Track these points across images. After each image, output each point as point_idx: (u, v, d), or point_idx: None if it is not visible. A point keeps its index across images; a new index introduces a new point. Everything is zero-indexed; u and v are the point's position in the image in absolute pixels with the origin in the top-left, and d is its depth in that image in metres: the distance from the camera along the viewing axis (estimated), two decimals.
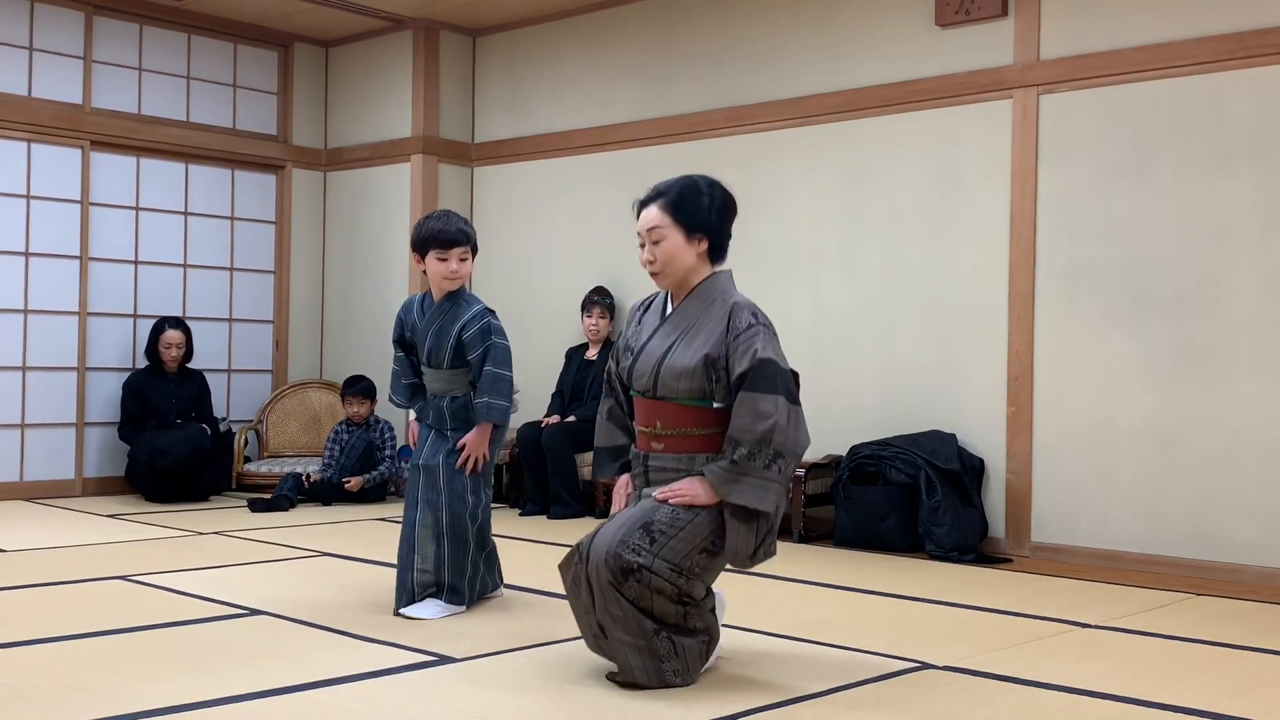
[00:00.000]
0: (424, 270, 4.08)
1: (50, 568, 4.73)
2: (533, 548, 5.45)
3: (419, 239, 4.03)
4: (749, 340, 3.10)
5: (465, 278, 4.09)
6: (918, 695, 3.08)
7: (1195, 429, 5.07)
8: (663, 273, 3.24)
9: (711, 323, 3.17)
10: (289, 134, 8.11)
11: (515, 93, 7.62)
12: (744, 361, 3.08)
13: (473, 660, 3.36)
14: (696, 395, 3.16)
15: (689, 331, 3.19)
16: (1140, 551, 5.17)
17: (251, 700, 2.92)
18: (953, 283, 5.76)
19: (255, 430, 7.75)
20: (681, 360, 3.16)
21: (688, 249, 3.21)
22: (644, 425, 3.26)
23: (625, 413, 3.40)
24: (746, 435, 3.04)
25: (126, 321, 7.44)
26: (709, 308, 3.21)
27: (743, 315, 3.15)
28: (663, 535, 3.04)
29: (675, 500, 3.09)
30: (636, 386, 3.27)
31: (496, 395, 4.00)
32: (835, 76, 6.17)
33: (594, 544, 3.07)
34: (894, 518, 5.51)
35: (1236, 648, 3.72)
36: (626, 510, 3.17)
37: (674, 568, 3.03)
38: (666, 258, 3.21)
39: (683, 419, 3.18)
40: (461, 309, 4.07)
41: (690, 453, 3.17)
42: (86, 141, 7.22)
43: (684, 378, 3.15)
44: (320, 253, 8.28)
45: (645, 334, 3.28)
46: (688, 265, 3.23)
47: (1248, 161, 4.97)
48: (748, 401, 3.06)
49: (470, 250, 4.06)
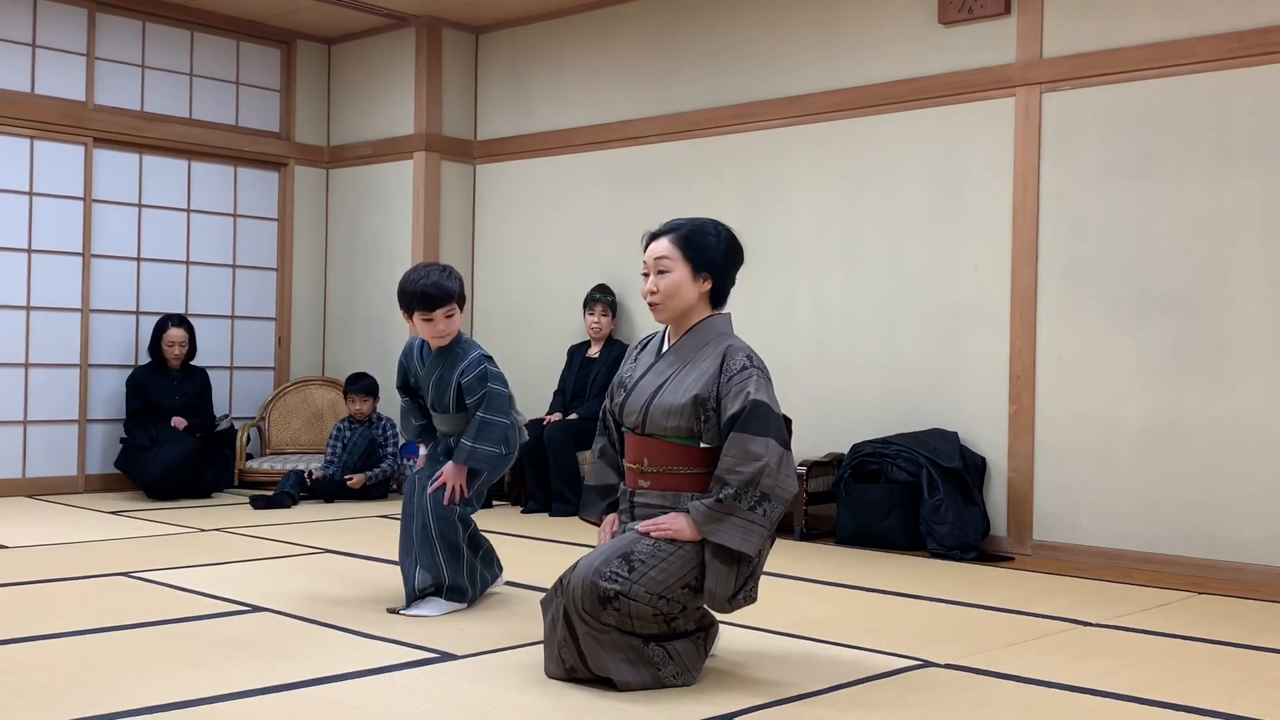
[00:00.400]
0: (412, 325, 4.10)
1: (53, 564, 4.74)
2: (535, 545, 5.45)
3: (403, 299, 4.03)
4: (743, 382, 3.10)
5: (453, 333, 4.06)
6: (919, 693, 3.08)
7: (1197, 428, 5.07)
8: (663, 305, 3.23)
9: (705, 362, 3.17)
10: (292, 131, 8.11)
11: (518, 90, 7.62)
12: (736, 403, 3.07)
13: (474, 657, 3.37)
14: (684, 434, 3.16)
15: (682, 370, 3.20)
16: (1142, 550, 5.17)
17: (254, 696, 2.92)
18: (955, 281, 5.76)
19: (257, 427, 7.76)
20: (671, 398, 3.16)
21: (691, 285, 3.22)
22: (632, 462, 3.27)
23: (617, 451, 3.40)
24: (734, 476, 3.03)
25: (129, 318, 7.44)
26: (704, 347, 3.21)
27: (737, 357, 3.15)
28: (642, 565, 3.03)
29: (657, 533, 3.08)
30: (627, 423, 3.28)
31: (482, 440, 3.97)
32: (837, 74, 6.17)
33: (574, 574, 3.07)
34: (896, 516, 5.51)
35: (1238, 646, 3.72)
36: (608, 541, 3.17)
37: (653, 595, 3.02)
38: (670, 290, 3.21)
39: (669, 457, 3.18)
40: (459, 356, 4.06)
41: (675, 491, 3.17)
42: (89, 138, 7.22)
43: (672, 415, 3.15)
44: (323, 250, 8.29)
45: (640, 371, 3.30)
46: (688, 302, 3.23)
47: (1250, 160, 4.97)
48: (738, 442, 3.04)
49: (457, 304, 4.03)
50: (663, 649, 3.06)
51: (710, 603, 3.09)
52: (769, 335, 6.35)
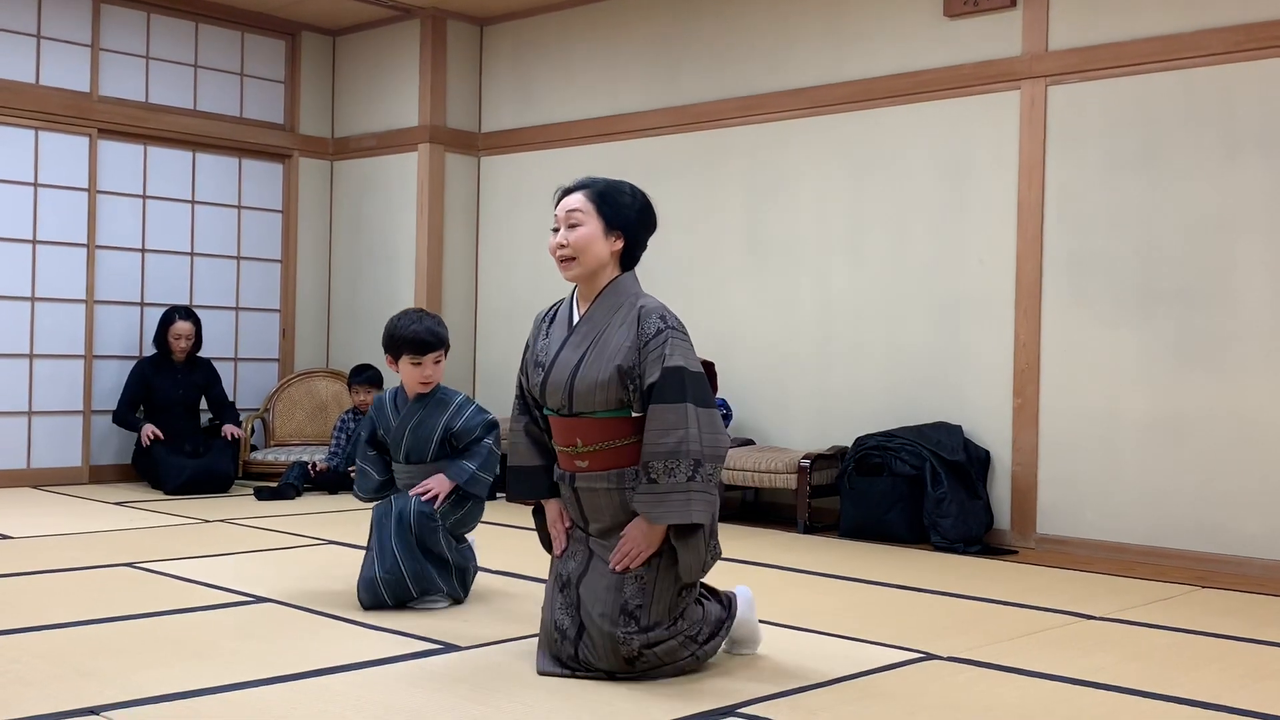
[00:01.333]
0: (397, 371, 4.01)
1: (57, 554, 4.75)
2: (533, 536, 5.45)
3: (391, 341, 3.95)
4: (658, 348, 3.03)
5: (438, 380, 4.00)
6: (922, 686, 3.09)
7: (1202, 421, 5.06)
8: (575, 260, 3.13)
9: (621, 330, 3.10)
10: (296, 123, 8.11)
11: (522, 82, 7.62)
12: (654, 371, 3.01)
13: (477, 649, 3.37)
14: (614, 406, 3.08)
15: (598, 340, 3.11)
16: (1145, 544, 5.17)
17: (258, 687, 2.93)
18: (959, 274, 5.75)
19: (262, 419, 7.76)
20: (595, 373, 3.08)
21: (603, 242, 3.14)
22: (564, 445, 3.17)
23: (540, 429, 3.29)
24: (658, 449, 2.98)
25: (133, 310, 7.45)
26: (616, 312, 3.13)
27: (651, 320, 3.07)
28: (642, 611, 3.02)
29: (631, 563, 3.05)
30: (550, 404, 3.18)
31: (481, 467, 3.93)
32: (843, 67, 6.16)
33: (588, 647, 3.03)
34: (899, 509, 5.51)
35: (1241, 640, 3.72)
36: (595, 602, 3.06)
37: (666, 620, 3.04)
38: (582, 245, 3.12)
39: (604, 432, 3.10)
40: (443, 403, 3.99)
41: (618, 468, 3.09)
42: (94, 129, 7.22)
43: (599, 390, 3.07)
44: (327, 242, 8.29)
45: (554, 346, 3.20)
46: (600, 259, 3.14)
47: (1257, 153, 4.96)
48: (656, 414, 2.99)
49: (444, 351, 3.99)
50: (694, 657, 3.10)
51: (688, 577, 3.07)
52: (773, 327, 6.35)
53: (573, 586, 3.13)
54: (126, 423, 7.06)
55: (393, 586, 3.81)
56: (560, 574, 3.20)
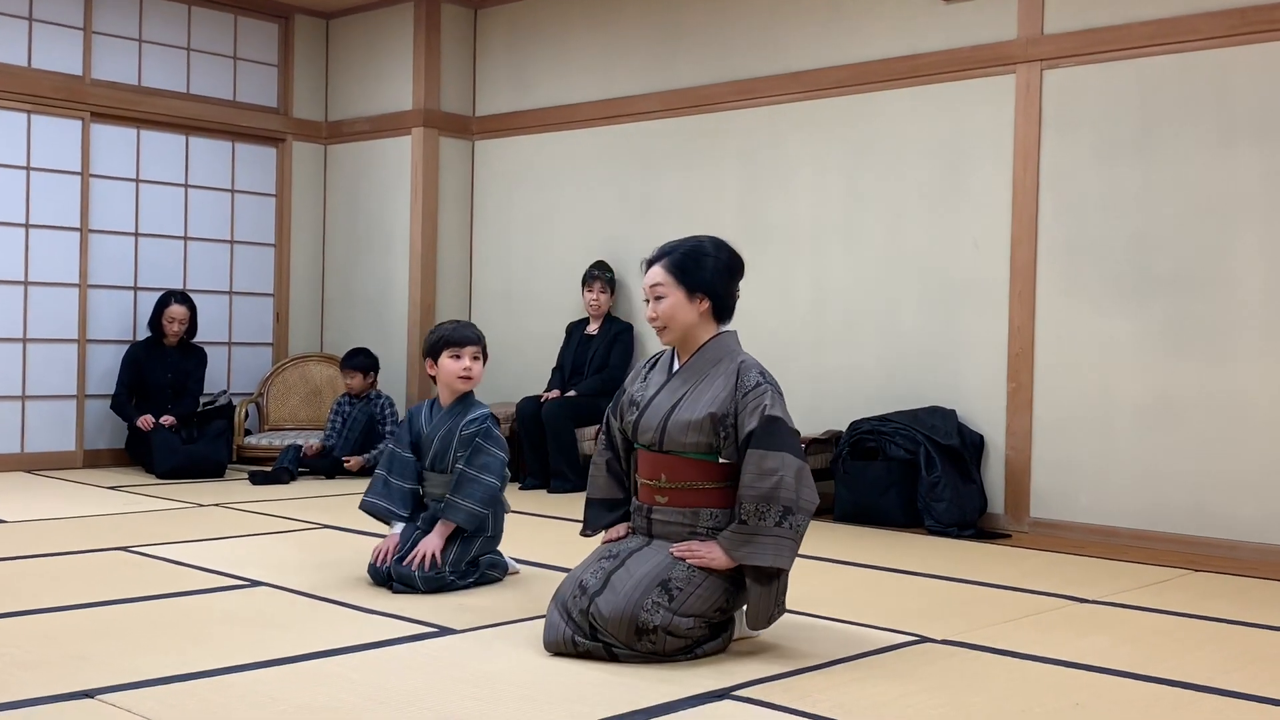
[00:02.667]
0: (433, 376, 4.11)
1: (52, 539, 4.75)
2: (533, 521, 5.46)
3: (432, 343, 4.09)
4: (758, 398, 3.12)
5: (478, 379, 4.09)
6: (916, 668, 3.10)
7: (1195, 406, 5.07)
8: (666, 329, 3.28)
9: (719, 380, 3.20)
10: (289, 106, 8.09)
11: (517, 66, 7.59)
12: (752, 420, 3.10)
13: (474, 632, 3.38)
14: (704, 449, 3.19)
15: (696, 388, 3.22)
16: (1139, 528, 5.19)
17: (254, 670, 2.93)
18: (955, 258, 5.76)
19: (256, 404, 7.76)
20: (689, 414, 3.18)
21: (689, 308, 3.25)
22: (648, 478, 3.28)
23: (622, 468, 3.42)
24: (752, 492, 3.06)
25: (127, 294, 7.44)
26: (716, 365, 3.24)
27: (750, 374, 3.18)
28: (680, 593, 3.07)
29: (693, 560, 3.11)
30: (642, 440, 3.29)
31: (461, 495, 3.90)
32: (839, 51, 6.15)
33: (607, 601, 3.05)
34: (893, 493, 5.53)
35: (1233, 623, 3.73)
36: (640, 567, 3.12)
37: (692, 619, 3.06)
38: (667, 316, 3.26)
39: (689, 472, 3.21)
40: (469, 410, 4.06)
41: (695, 507, 3.20)
42: (87, 113, 7.20)
43: (691, 431, 3.17)
44: (321, 226, 8.27)
45: (652, 390, 3.31)
46: (689, 323, 3.26)
47: (1253, 138, 4.96)
48: (754, 459, 3.08)
49: (482, 352, 4.11)
50: (691, 656, 3.11)
51: (752, 624, 3.15)
52: (769, 312, 6.35)
53: (623, 555, 3.19)
54: (123, 412, 7.04)
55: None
56: (611, 550, 3.26)
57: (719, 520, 3.18)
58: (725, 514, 3.18)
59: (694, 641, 3.10)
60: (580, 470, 6.55)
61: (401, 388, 7.69)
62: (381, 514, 4.09)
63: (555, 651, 3.13)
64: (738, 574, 3.13)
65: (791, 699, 2.78)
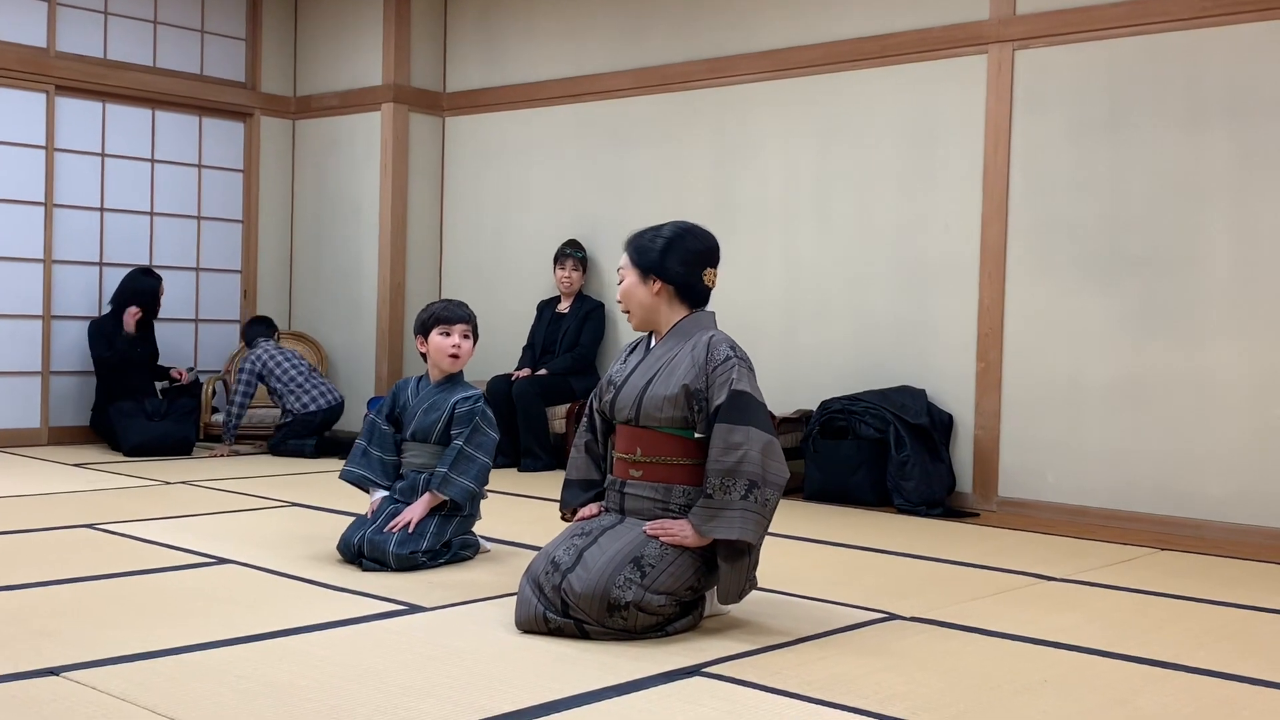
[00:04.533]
0: (424, 354, 4.13)
1: (16, 516, 4.70)
2: (503, 500, 5.44)
3: (423, 320, 4.12)
4: (726, 372, 3.14)
5: (467, 357, 4.12)
6: (885, 645, 3.11)
7: (1165, 386, 5.11)
8: (628, 311, 3.35)
9: (690, 355, 3.22)
10: (258, 81, 8.01)
11: (488, 42, 7.54)
12: (720, 394, 3.12)
13: (442, 609, 3.37)
14: (679, 424, 3.20)
15: (670, 363, 3.24)
16: (1107, 507, 5.22)
17: (221, 648, 2.91)
18: (925, 238, 5.76)
19: (223, 380, 7.70)
20: (663, 389, 3.20)
21: (642, 289, 3.29)
22: (624, 452, 3.30)
23: (600, 450, 3.46)
24: (717, 466, 3.07)
25: (92, 269, 7.36)
26: (687, 340, 3.26)
27: (720, 348, 3.19)
28: (653, 569, 3.06)
29: (665, 538, 3.11)
30: (619, 417, 3.31)
31: (457, 471, 3.91)
32: (811, 29, 6.14)
33: (579, 578, 3.04)
34: (863, 472, 5.54)
35: (1200, 601, 3.77)
36: (612, 544, 3.12)
37: (664, 595, 3.06)
38: (624, 295, 3.33)
39: (664, 447, 3.22)
40: (459, 389, 4.10)
41: (668, 483, 3.21)
42: (51, 85, 7.10)
43: (666, 405, 3.19)
44: (289, 202, 8.20)
45: (629, 369, 3.35)
46: (644, 304, 3.30)
47: (1223, 119, 4.98)
48: (720, 433, 3.09)
49: (472, 330, 4.13)
50: (662, 633, 3.11)
51: (723, 600, 3.15)
52: (739, 292, 6.34)
53: (596, 532, 3.18)
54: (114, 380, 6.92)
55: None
56: (584, 527, 3.25)
57: (690, 498, 3.19)
58: (697, 491, 3.18)
59: (665, 619, 3.10)
60: (550, 449, 6.54)
61: (370, 365, 7.65)
62: (360, 483, 4.11)
63: (526, 629, 3.12)
64: (709, 552, 3.13)
65: (761, 675, 2.78)
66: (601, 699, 2.59)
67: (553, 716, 2.48)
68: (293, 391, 6.95)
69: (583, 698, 2.60)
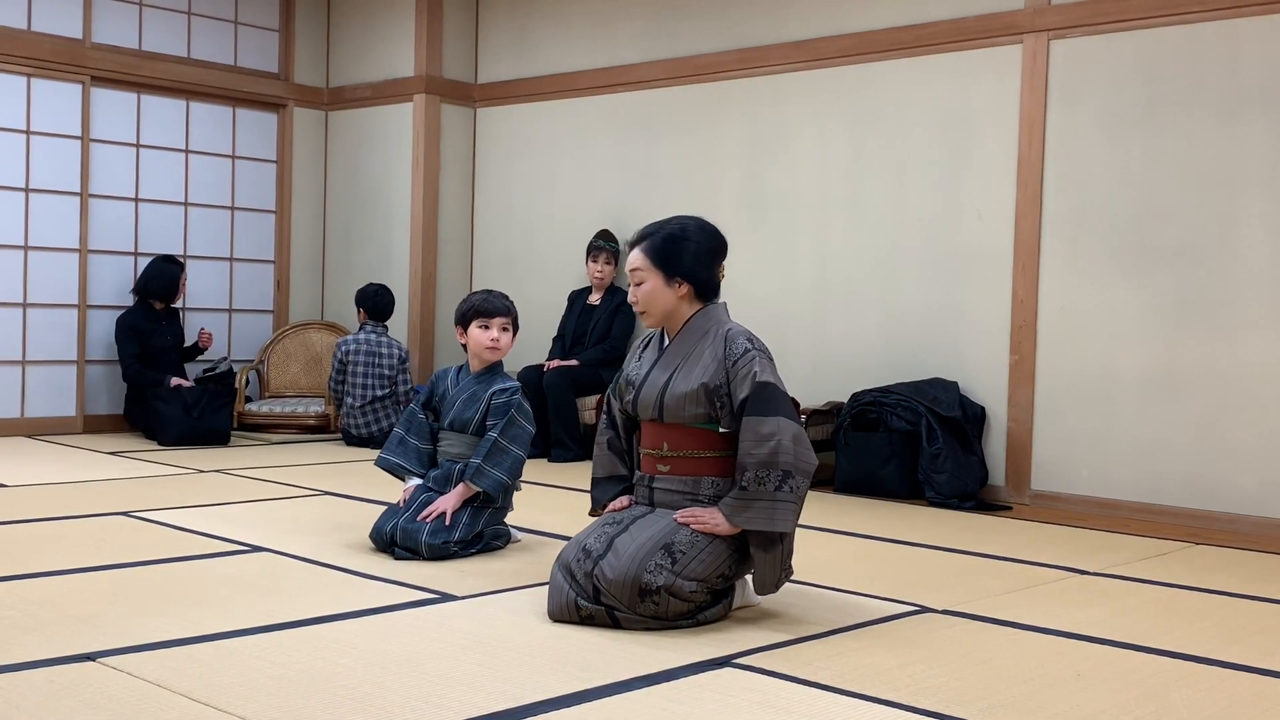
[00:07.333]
0: (464, 344, 4.15)
1: (52, 503, 4.75)
2: (533, 490, 5.46)
3: (463, 311, 4.13)
4: (747, 365, 3.14)
5: (506, 350, 4.13)
6: (917, 638, 3.10)
7: (1197, 379, 5.06)
8: (647, 313, 3.31)
9: (708, 351, 3.22)
10: (291, 72, 8.04)
11: (519, 33, 7.55)
12: (745, 387, 3.12)
13: (474, 598, 3.38)
14: (703, 419, 3.20)
15: (687, 361, 3.24)
16: (1139, 500, 5.19)
17: (255, 634, 2.93)
18: (958, 229, 5.73)
19: (256, 370, 7.75)
20: (683, 387, 3.21)
21: (667, 292, 3.26)
22: (650, 448, 3.30)
23: (624, 445, 3.45)
24: (750, 459, 3.07)
25: (127, 259, 7.41)
26: (704, 338, 3.25)
27: (738, 342, 3.19)
28: (683, 555, 3.07)
29: (696, 526, 3.12)
30: (643, 416, 3.32)
31: (491, 463, 3.92)
32: (844, 19, 6.11)
33: (610, 565, 3.05)
34: (894, 464, 5.52)
35: (1233, 595, 3.74)
36: (643, 531, 3.13)
37: (695, 582, 3.07)
38: (647, 300, 3.28)
39: (690, 441, 3.22)
40: (497, 380, 4.11)
41: (696, 475, 3.22)
42: (87, 77, 7.16)
43: (688, 403, 3.19)
44: (322, 193, 8.24)
45: (645, 367, 3.34)
46: (669, 306, 3.28)
47: (1259, 110, 4.93)
48: (750, 426, 3.09)
49: (512, 323, 4.14)
50: (694, 621, 3.12)
51: (760, 590, 3.16)
52: (770, 283, 6.33)
53: (627, 521, 3.19)
54: (145, 379, 6.91)
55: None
56: (615, 516, 3.27)
57: (719, 489, 3.19)
58: (725, 483, 3.19)
59: (697, 606, 3.11)
60: (581, 440, 6.55)
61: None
62: (395, 471, 4.14)
63: (558, 618, 3.13)
64: (741, 540, 3.14)
65: (792, 667, 2.78)
66: (632, 689, 2.60)
67: (584, 706, 2.48)
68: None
69: (613, 687, 2.61)
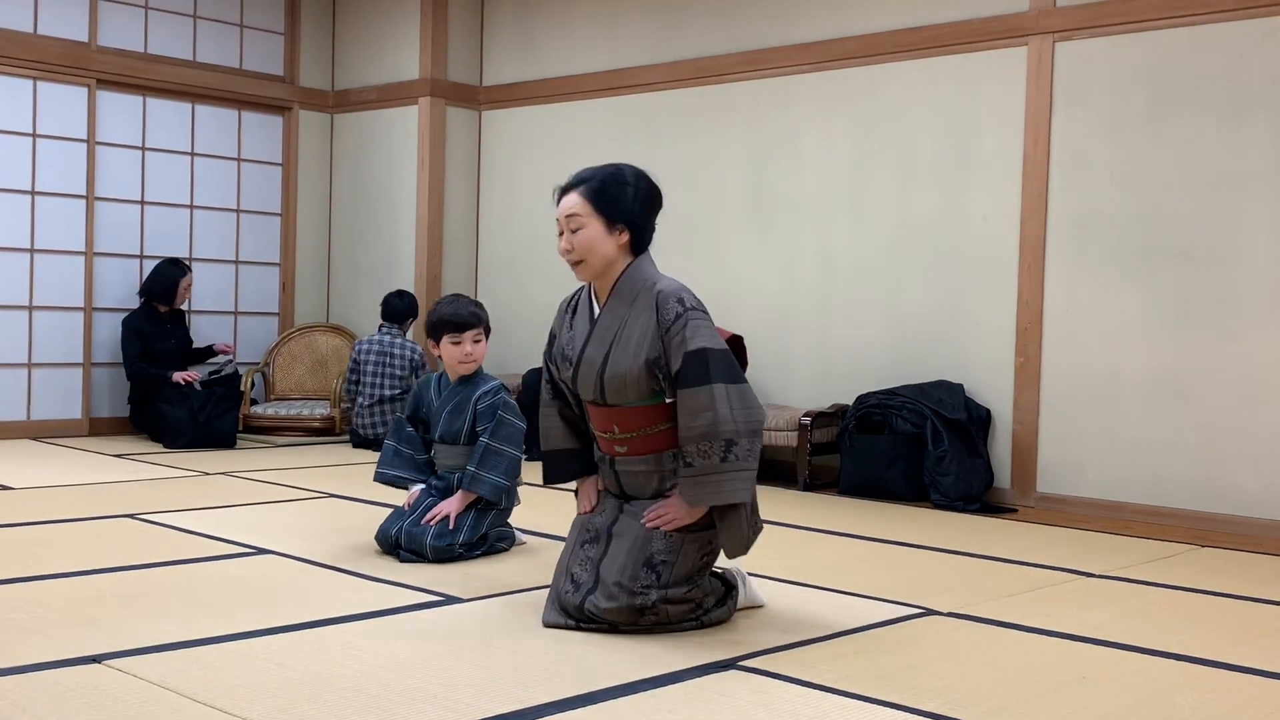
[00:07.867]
0: (439, 355, 4.09)
1: (58, 506, 4.75)
2: (535, 492, 5.46)
3: (432, 324, 4.06)
4: (679, 333, 3.01)
5: (480, 360, 4.09)
6: (922, 640, 3.10)
7: (1203, 381, 5.06)
8: (583, 263, 3.12)
9: (642, 318, 3.08)
10: (296, 75, 8.05)
11: (524, 36, 7.55)
12: (676, 359, 3.01)
13: (479, 601, 3.38)
14: (647, 395, 3.10)
15: (621, 333, 3.10)
16: (1145, 503, 5.18)
17: (259, 637, 2.94)
18: (963, 232, 5.73)
19: (262, 373, 7.76)
20: (623, 367, 3.07)
21: (608, 240, 3.10)
22: (602, 431, 3.20)
23: (575, 412, 3.31)
24: (689, 434, 2.99)
25: (133, 262, 7.42)
26: (634, 301, 3.10)
27: (669, 305, 3.05)
28: (665, 565, 3.04)
29: (665, 526, 3.07)
30: (584, 397, 3.20)
31: (485, 468, 3.90)
32: (849, 22, 6.11)
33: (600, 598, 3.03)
34: (900, 467, 5.52)
35: (1239, 598, 3.73)
36: (620, 550, 3.09)
37: (685, 583, 3.05)
38: (586, 248, 3.09)
39: (639, 420, 3.12)
40: (479, 384, 4.07)
41: (655, 452, 3.14)
42: (92, 80, 7.17)
43: (629, 384, 3.08)
44: (327, 195, 8.25)
45: (579, 342, 3.19)
46: (607, 256, 3.11)
47: (1264, 112, 4.93)
48: (684, 400, 3.00)
49: (484, 332, 4.08)
50: (698, 624, 3.11)
51: (732, 555, 3.12)
52: (775, 284, 6.33)
53: (603, 536, 3.15)
54: (149, 375, 6.91)
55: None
56: (589, 526, 3.22)
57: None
58: None
59: (695, 603, 3.09)
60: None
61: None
62: (396, 483, 4.14)
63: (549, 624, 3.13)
64: (709, 523, 3.09)
65: (797, 670, 2.78)
66: (637, 691, 2.60)
67: (589, 708, 2.48)
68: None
69: (619, 690, 2.60)
